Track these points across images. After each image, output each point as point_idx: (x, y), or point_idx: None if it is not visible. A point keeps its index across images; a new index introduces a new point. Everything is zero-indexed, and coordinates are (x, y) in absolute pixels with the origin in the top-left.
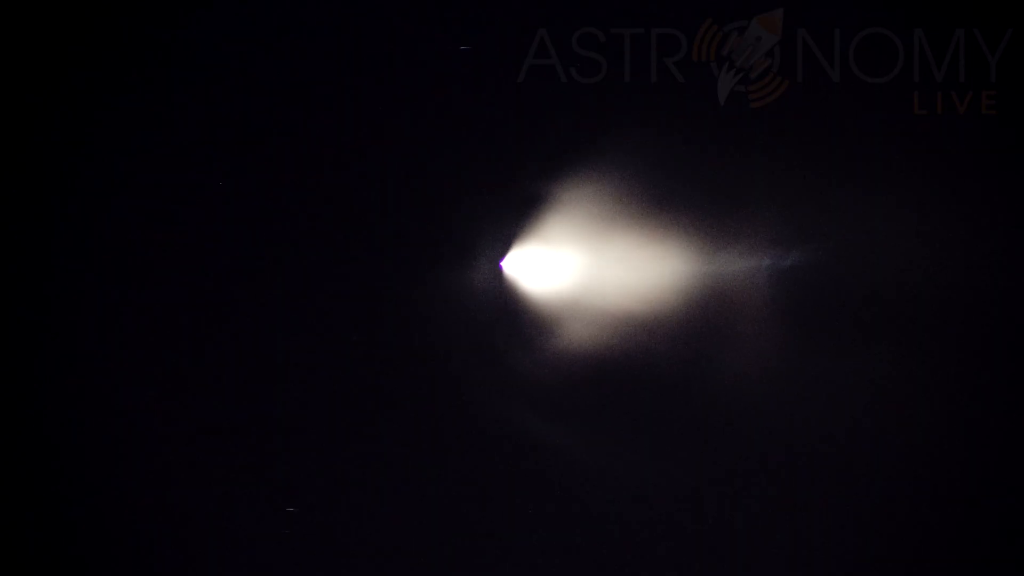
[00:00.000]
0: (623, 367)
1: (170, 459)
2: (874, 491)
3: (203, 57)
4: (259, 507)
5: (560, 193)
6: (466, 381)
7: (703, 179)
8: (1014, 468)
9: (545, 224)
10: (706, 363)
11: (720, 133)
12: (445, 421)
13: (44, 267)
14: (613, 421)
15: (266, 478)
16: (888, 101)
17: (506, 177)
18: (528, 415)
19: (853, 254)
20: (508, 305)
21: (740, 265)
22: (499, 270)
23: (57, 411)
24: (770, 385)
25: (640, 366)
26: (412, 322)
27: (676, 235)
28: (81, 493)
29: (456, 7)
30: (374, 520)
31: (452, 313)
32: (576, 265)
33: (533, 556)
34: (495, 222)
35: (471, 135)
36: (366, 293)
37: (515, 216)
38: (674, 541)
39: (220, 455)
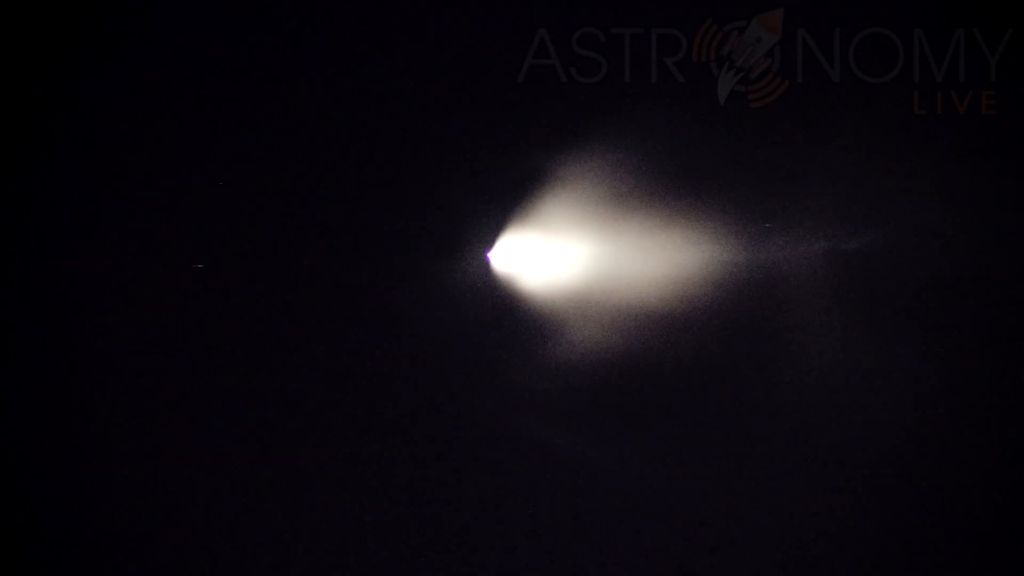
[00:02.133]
0: (640, 371)
1: (168, 459)
2: (940, 489)
3: (198, 55)
4: (248, 509)
5: (558, 193)
6: (448, 390)
7: (704, 178)
8: None
9: (540, 213)
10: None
11: (720, 133)
12: (433, 429)
13: (44, 267)
14: (632, 432)
15: (256, 479)
16: (888, 101)
17: (508, 177)
18: (531, 429)
19: (853, 254)
20: (499, 304)
21: (742, 260)
22: (487, 263)
23: (56, 412)
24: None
25: (660, 368)
26: (387, 323)
27: (674, 233)
28: (79, 494)
29: (456, 7)
30: (359, 523)
31: (432, 313)
32: (578, 256)
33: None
34: (488, 212)
35: (471, 134)
36: (348, 289)
37: (509, 205)
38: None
39: (211, 454)
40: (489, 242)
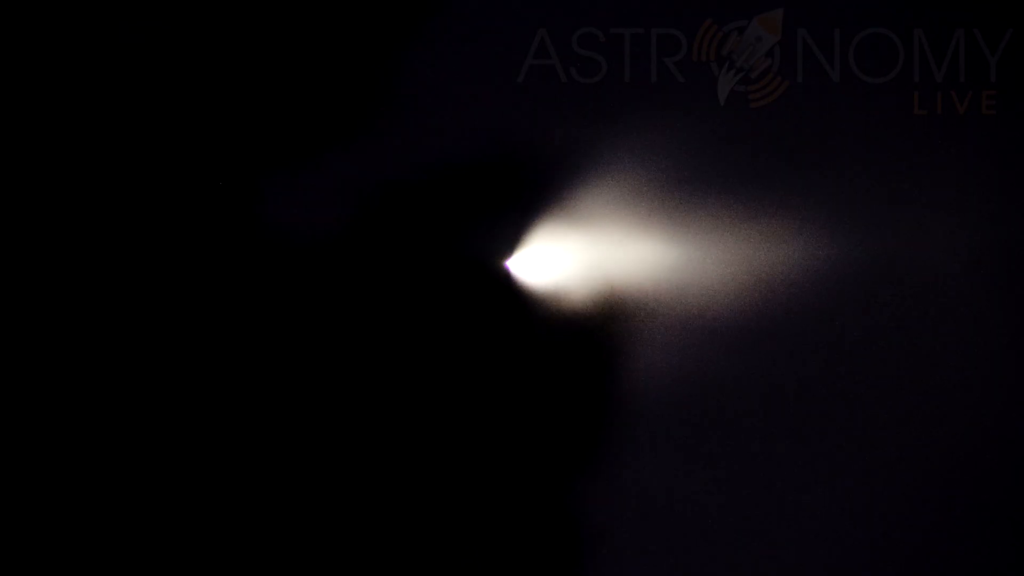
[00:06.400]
0: (720, 399)
1: (171, 461)
2: None
3: (200, 53)
4: (249, 513)
5: (563, 196)
6: (469, 432)
7: (706, 178)
8: None
9: (555, 219)
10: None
11: (720, 133)
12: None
13: (41, 267)
14: (717, 475)
15: (258, 482)
16: (888, 101)
17: (509, 175)
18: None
19: (854, 254)
20: (530, 325)
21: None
22: (506, 272)
23: (54, 411)
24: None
25: (748, 396)
26: (386, 354)
27: (676, 237)
28: (76, 495)
29: (456, 7)
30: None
31: (441, 343)
32: (624, 261)
33: None
34: (500, 219)
35: (470, 136)
36: (340, 310)
37: (523, 210)
38: None
39: (211, 457)
40: (506, 250)
